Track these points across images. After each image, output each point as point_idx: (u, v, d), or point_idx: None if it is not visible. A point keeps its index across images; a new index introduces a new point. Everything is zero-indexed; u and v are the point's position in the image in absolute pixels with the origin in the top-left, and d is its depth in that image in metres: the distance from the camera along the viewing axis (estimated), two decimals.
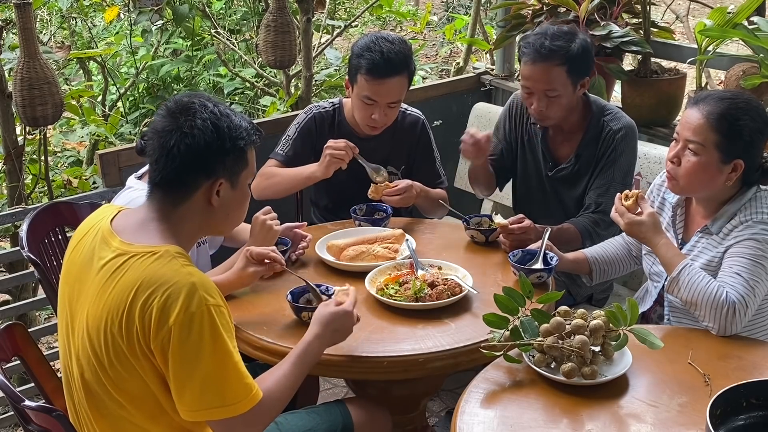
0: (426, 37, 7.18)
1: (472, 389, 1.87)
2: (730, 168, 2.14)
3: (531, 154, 2.93)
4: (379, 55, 2.71)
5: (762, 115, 2.16)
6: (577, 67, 2.66)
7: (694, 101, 2.19)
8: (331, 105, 2.99)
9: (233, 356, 1.68)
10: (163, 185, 1.75)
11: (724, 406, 1.60)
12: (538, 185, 2.93)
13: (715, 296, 2.04)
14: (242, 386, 1.69)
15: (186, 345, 1.62)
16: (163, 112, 1.77)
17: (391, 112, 2.82)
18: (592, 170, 2.78)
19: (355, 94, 2.81)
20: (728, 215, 2.18)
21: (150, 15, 4.31)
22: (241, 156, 1.78)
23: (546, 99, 2.67)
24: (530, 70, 2.66)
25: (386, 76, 2.73)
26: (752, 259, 2.09)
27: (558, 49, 2.62)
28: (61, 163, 4.93)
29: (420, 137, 3.02)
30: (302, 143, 2.93)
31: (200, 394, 1.65)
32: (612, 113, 2.78)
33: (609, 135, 2.73)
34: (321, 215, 3.12)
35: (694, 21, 4.59)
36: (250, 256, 2.19)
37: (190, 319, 1.62)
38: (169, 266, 1.66)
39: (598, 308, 2.79)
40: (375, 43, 2.74)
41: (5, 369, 1.99)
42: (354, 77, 2.79)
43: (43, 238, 2.67)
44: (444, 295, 2.21)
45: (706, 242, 2.22)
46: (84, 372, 1.73)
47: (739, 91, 2.51)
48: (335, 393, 3.33)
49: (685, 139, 2.17)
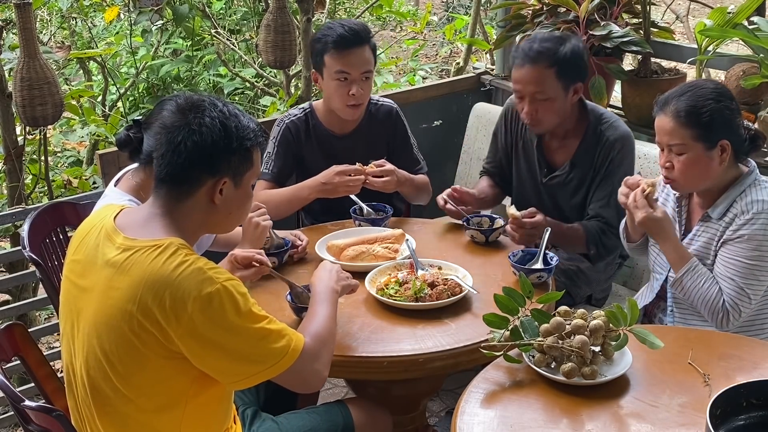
0: (426, 37, 7.18)
1: (472, 389, 1.87)
2: (718, 151, 2.19)
3: (526, 161, 2.91)
4: (341, 28, 2.79)
5: (722, 92, 2.21)
6: (568, 71, 2.63)
7: (660, 107, 2.23)
8: (301, 111, 2.99)
9: (260, 320, 1.72)
10: (167, 180, 1.76)
11: (724, 406, 1.60)
12: (534, 191, 2.90)
13: (713, 302, 2.18)
14: (279, 347, 1.73)
15: (212, 325, 1.65)
16: (173, 108, 1.78)
17: (366, 86, 2.85)
18: (591, 180, 2.76)
19: (327, 76, 2.83)
20: (729, 201, 2.22)
21: (150, 15, 4.31)
22: (247, 156, 1.79)
23: (536, 103, 2.64)
24: (519, 73, 2.65)
25: (353, 45, 2.79)
26: (747, 261, 2.16)
27: (545, 51, 2.61)
28: (61, 163, 4.93)
29: (396, 125, 3.05)
30: (284, 155, 2.93)
31: (240, 366, 1.71)
32: (608, 122, 2.74)
33: (606, 145, 2.71)
34: (318, 218, 3.11)
35: (694, 21, 4.59)
36: (235, 260, 2.19)
37: (209, 301, 1.64)
38: (174, 257, 1.67)
39: (598, 308, 2.80)
40: (332, 24, 2.86)
41: (5, 369, 1.99)
42: (321, 60, 2.82)
43: (45, 238, 2.67)
44: (444, 295, 2.22)
45: (706, 227, 2.26)
46: (90, 369, 1.73)
47: (696, 80, 2.56)
48: (335, 393, 3.33)
49: (667, 144, 2.22)
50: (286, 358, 1.74)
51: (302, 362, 1.77)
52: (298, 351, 1.76)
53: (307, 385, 1.84)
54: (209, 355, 1.68)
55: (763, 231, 2.15)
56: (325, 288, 2.02)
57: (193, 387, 1.73)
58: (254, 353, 1.71)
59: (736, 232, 2.17)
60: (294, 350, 1.76)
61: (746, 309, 2.19)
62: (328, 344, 1.89)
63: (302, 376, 1.80)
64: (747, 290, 2.17)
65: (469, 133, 3.85)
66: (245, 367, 1.72)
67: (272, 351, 1.72)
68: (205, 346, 1.66)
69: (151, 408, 1.73)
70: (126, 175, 2.38)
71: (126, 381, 1.70)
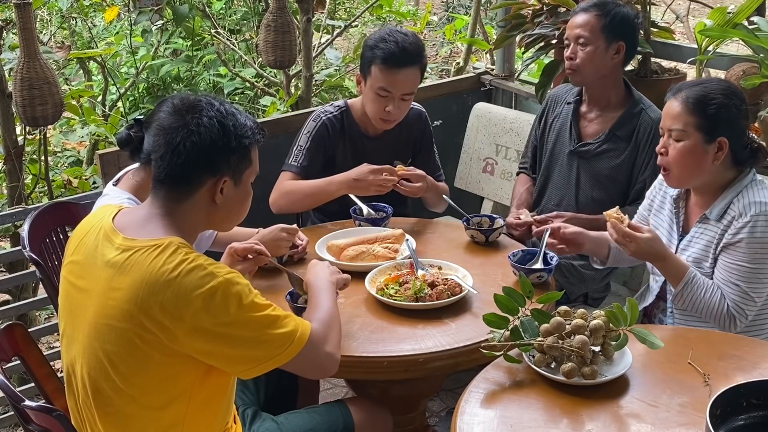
0: (426, 37, 7.18)
1: (472, 389, 1.87)
2: (715, 147, 2.19)
3: (557, 133, 3.00)
4: (395, 45, 2.73)
5: (737, 94, 2.23)
6: (614, 26, 2.78)
7: (672, 93, 2.25)
8: (337, 109, 2.97)
9: (264, 308, 1.73)
10: (167, 182, 1.76)
11: (724, 406, 1.60)
12: (557, 162, 3.00)
13: (717, 310, 2.18)
14: (286, 332, 1.75)
15: (217, 318, 1.65)
16: (169, 110, 1.78)
17: (404, 105, 2.83)
18: (634, 156, 2.84)
19: (369, 86, 2.80)
20: (726, 202, 2.22)
21: (150, 15, 4.31)
22: (246, 155, 1.79)
23: (578, 47, 2.81)
24: (572, 19, 2.86)
25: (401, 66, 2.74)
26: (749, 265, 2.15)
27: (601, 4, 2.82)
28: (61, 163, 4.94)
29: (424, 129, 3.06)
30: (316, 151, 2.90)
31: (249, 353, 1.72)
32: (649, 105, 2.88)
33: (647, 123, 2.82)
34: (319, 218, 3.11)
35: (694, 21, 4.59)
36: (234, 252, 2.19)
37: (211, 295, 1.65)
38: (174, 256, 1.67)
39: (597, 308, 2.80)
40: (390, 34, 2.77)
41: (5, 369, 1.99)
42: (368, 69, 2.79)
43: (45, 238, 2.67)
44: (444, 295, 2.22)
45: (704, 228, 2.26)
46: (91, 370, 1.73)
47: (715, 77, 2.58)
48: (335, 393, 3.33)
49: (668, 128, 2.23)
50: (295, 343, 1.75)
51: (312, 346, 1.79)
52: (306, 335, 1.78)
53: (322, 369, 1.85)
54: (217, 348, 1.68)
55: (762, 233, 2.14)
56: (323, 281, 2.04)
57: (197, 383, 1.73)
58: (261, 339, 1.71)
59: (735, 235, 2.16)
60: (302, 334, 1.77)
61: (752, 312, 2.18)
62: (335, 328, 1.91)
63: (316, 360, 1.81)
64: (752, 294, 2.16)
65: (469, 133, 3.86)
66: (254, 353, 1.72)
67: (279, 336, 1.73)
68: (211, 340, 1.67)
69: (155, 405, 1.73)
70: (126, 175, 2.38)
71: (128, 381, 1.70)
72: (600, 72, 2.83)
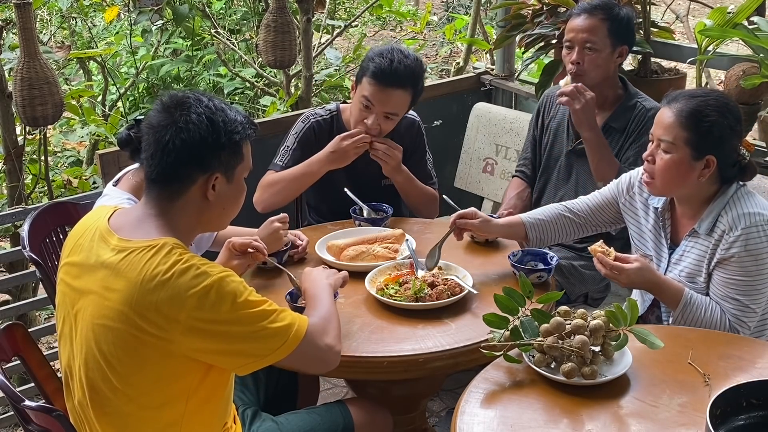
0: (426, 37, 7.18)
1: (472, 389, 1.87)
2: (702, 164, 2.15)
3: (554, 134, 3.02)
4: (388, 63, 2.71)
5: (733, 112, 2.17)
6: (619, 30, 2.81)
7: (667, 101, 2.21)
8: (327, 112, 2.97)
9: (259, 304, 1.73)
10: (159, 181, 1.75)
11: (724, 406, 1.60)
12: (555, 162, 3.01)
13: (719, 325, 2.15)
14: (283, 325, 1.74)
15: (212, 316, 1.65)
16: (158, 107, 1.77)
17: (385, 123, 2.79)
18: (621, 145, 2.86)
19: (357, 93, 2.80)
20: (714, 215, 2.18)
21: (150, 15, 4.31)
22: (237, 150, 1.78)
23: (584, 52, 2.82)
24: (575, 22, 2.85)
25: (389, 84, 2.72)
26: (746, 278, 2.13)
27: (604, 6, 2.84)
28: (61, 163, 4.94)
29: (416, 139, 3.03)
30: (302, 153, 2.90)
31: (246, 347, 1.71)
32: (645, 98, 2.91)
33: (641, 112, 2.84)
34: (317, 218, 3.11)
35: (694, 21, 4.59)
36: (232, 247, 2.19)
37: (206, 294, 1.65)
38: (169, 257, 1.67)
39: (597, 308, 2.80)
40: (390, 51, 2.76)
41: (5, 369, 1.99)
42: (360, 78, 2.79)
43: (45, 238, 2.67)
44: (444, 295, 2.22)
45: (694, 242, 2.23)
46: (89, 371, 1.73)
47: (715, 90, 2.53)
48: (335, 393, 3.33)
49: (658, 138, 2.20)
50: (293, 335, 1.75)
51: (311, 339, 1.79)
52: (303, 328, 1.78)
53: (323, 362, 1.85)
54: (215, 345, 1.68)
55: (755, 245, 2.11)
56: (319, 285, 2.03)
57: (195, 383, 1.73)
58: (259, 334, 1.71)
59: (728, 250, 2.13)
60: (300, 327, 1.77)
61: (754, 322, 2.17)
62: (333, 320, 1.90)
63: (317, 353, 1.81)
64: (752, 306, 2.14)
65: (469, 133, 3.86)
66: (252, 348, 1.72)
67: (277, 330, 1.73)
68: (208, 338, 1.67)
69: (153, 405, 1.73)
70: (126, 175, 2.39)
71: (126, 381, 1.70)
72: (604, 75, 2.85)
